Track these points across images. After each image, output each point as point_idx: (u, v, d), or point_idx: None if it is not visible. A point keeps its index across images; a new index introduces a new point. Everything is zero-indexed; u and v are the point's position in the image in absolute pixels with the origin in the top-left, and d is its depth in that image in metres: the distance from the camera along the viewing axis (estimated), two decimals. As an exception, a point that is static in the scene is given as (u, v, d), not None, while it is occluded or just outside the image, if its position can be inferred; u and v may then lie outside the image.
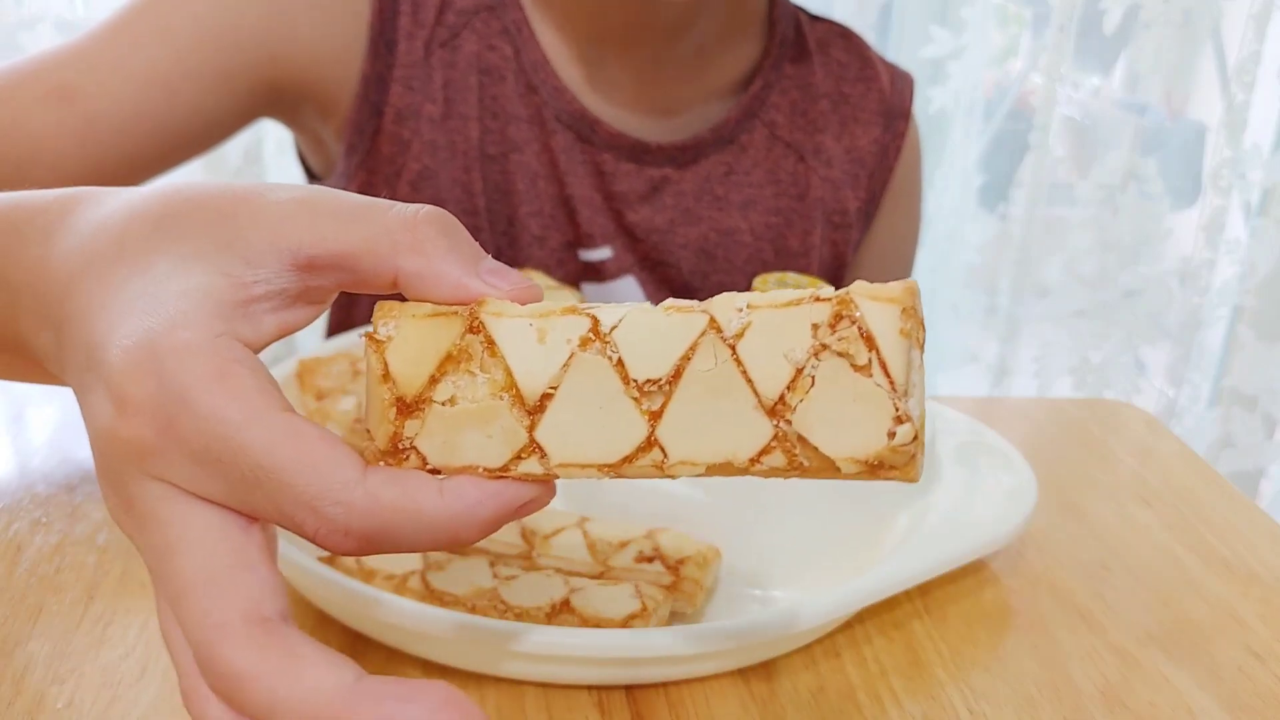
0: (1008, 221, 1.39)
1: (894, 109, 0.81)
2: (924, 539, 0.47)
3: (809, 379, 0.26)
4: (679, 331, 0.27)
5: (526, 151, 0.72)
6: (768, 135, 0.77)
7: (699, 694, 0.41)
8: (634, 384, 0.27)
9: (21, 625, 0.43)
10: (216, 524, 0.26)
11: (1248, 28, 1.23)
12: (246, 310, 0.28)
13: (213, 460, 0.25)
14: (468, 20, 0.71)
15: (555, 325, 0.27)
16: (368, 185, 0.71)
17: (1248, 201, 1.34)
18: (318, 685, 0.25)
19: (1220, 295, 1.36)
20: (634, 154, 0.73)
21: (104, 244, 0.28)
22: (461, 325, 0.27)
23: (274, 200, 0.28)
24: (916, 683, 0.43)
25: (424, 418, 0.27)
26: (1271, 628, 0.48)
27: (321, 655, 0.25)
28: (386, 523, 0.26)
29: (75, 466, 0.55)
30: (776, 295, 0.26)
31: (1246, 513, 0.58)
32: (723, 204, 0.76)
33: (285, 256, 0.28)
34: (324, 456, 0.26)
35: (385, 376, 0.27)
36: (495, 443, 0.27)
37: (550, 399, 0.27)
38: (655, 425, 0.27)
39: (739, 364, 0.26)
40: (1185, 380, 1.40)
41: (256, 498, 0.26)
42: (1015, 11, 1.41)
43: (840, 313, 0.26)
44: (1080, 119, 1.35)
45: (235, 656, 0.25)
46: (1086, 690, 0.43)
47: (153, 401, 0.26)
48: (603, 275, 0.74)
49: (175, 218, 0.28)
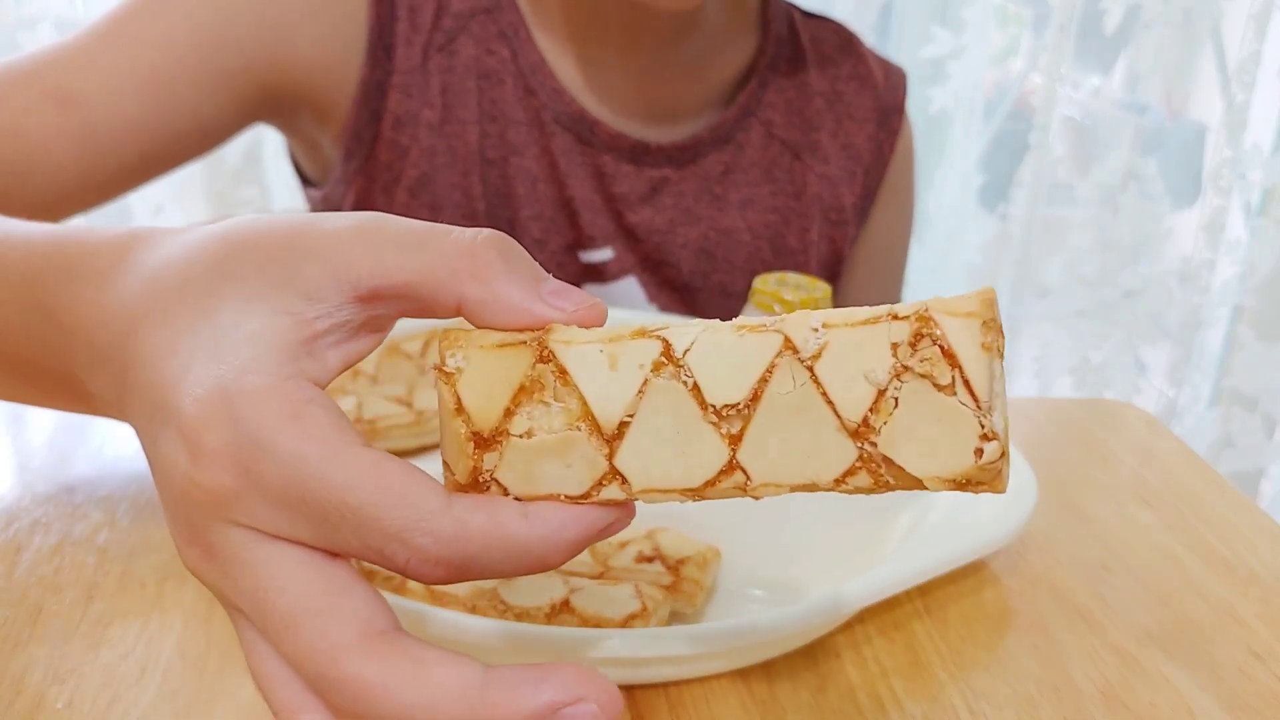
0: (1008, 221, 1.39)
1: (888, 105, 0.81)
2: (924, 539, 0.47)
3: (892, 400, 0.26)
4: (754, 353, 0.26)
5: (526, 155, 0.72)
6: (764, 134, 0.77)
7: (699, 694, 0.41)
8: (712, 409, 0.26)
9: (21, 626, 0.43)
10: (306, 560, 0.26)
11: (1248, 28, 1.23)
12: (311, 347, 0.28)
13: (295, 502, 0.26)
14: (464, 24, 0.70)
15: (626, 350, 0.27)
16: (365, 191, 0.71)
17: (1248, 201, 1.34)
18: (446, 683, 0.25)
19: (1220, 295, 1.36)
20: (634, 155, 0.73)
21: (165, 289, 0.28)
22: (531, 355, 0.27)
23: (330, 230, 0.28)
24: (917, 683, 0.43)
25: (502, 450, 0.27)
26: (1271, 628, 0.48)
27: (445, 656, 0.26)
28: (475, 550, 0.26)
29: (75, 467, 0.55)
30: (851, 313, 0.26)
31: (1246, 513, 0.58)
32: (721, 203, 0.76)
33: (346, 289, 0.28)
34: (408, 487, 0.26)
35: (459, 410, 0.27)
36: (575, 471, 0.27)
37: (628, 426, 0.27)
38: (736, 449, 0.27)
39: (818, 386, 0.26)
40: (1185, 380, 1.40)
41: (343, 534, 0.26)
42: (1015, 11, 1.41)
43: (920, 331, 0.25)
44: (1080, 119, 1.35)
45: (361, 671, 0.25)
46: (1086, 690, 0.43)
47: (230, 448, 0.26)
48: (604, 276, 0.74)
49: (234, 259, 0.28)
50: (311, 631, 0.26)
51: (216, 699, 0.39)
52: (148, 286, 0.29)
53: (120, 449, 0.56)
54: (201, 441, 0.26)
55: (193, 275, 0.28)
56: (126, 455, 0.56)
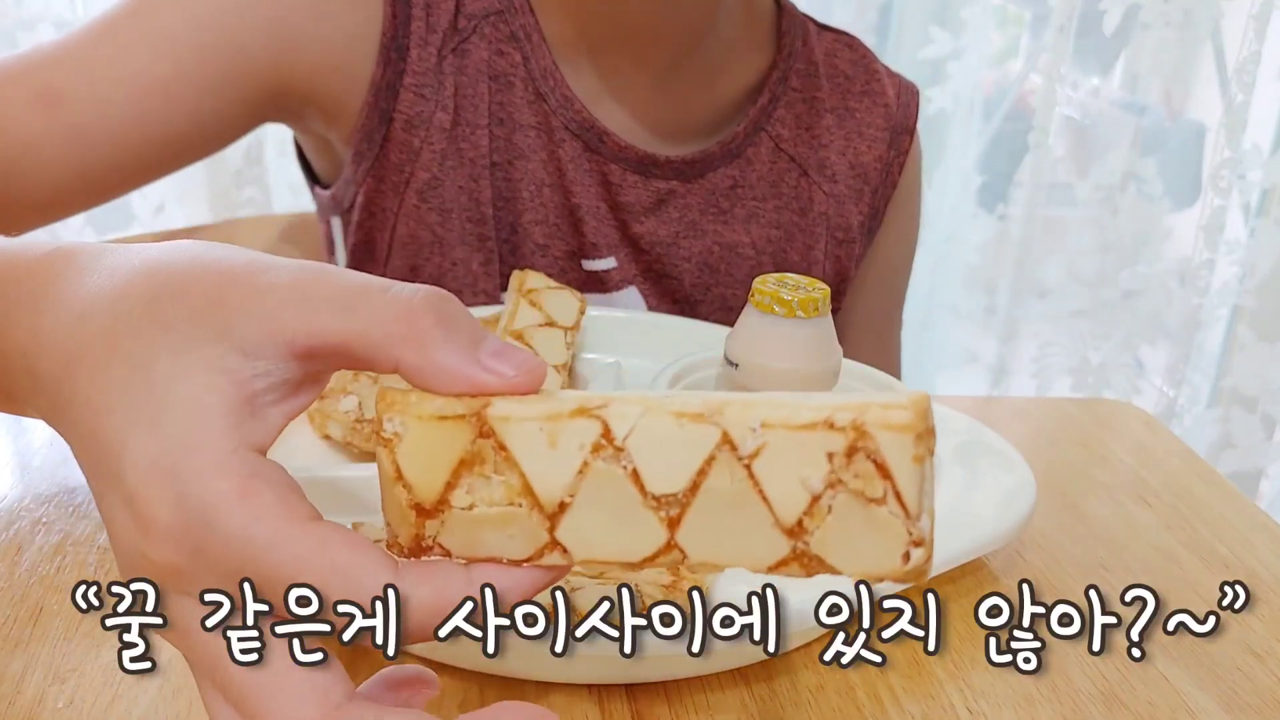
0: (1007, 221, 1.39)
1: (899, 125, 0.80)
2: (923, 539, 0.47)
3: (826, 507, 0.27)
4: (692, 445, 0.27)
5: (533, 159, 0.71)
6: (772, 149, 0.76)
7: (699, 694, 0.41)
8: (651, 495, 0.27)
9: (22, 625, 0.43)
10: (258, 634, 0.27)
11: (1248, 28, 1.23)
12: (253, 407, 0.28)
13: (243, 579, 0.26)
14: (476, 25, 0.69)
15: (566, 430, 0.27)
16: (375, 193, 0.71)
17: (1247, 202, 1.34)
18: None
19: (1220, 295, 1.36)
20: (641, 166, 0.72)
21: (95, 331, 0.28)
22: (471, 430, 0.27)
23: (266, 285, 0.28)
24: (915, 682, 0.43)
25: (444, 519, 0.28)
26: (1271, 628, 0.48)
27: (407, 715, 0.27)
28: (423, 620, 0.27)
29: (75, 466, 0.55)
30: (790, 415, 0.27)
31: (1246, 513, 0.58)
32: (727, 218, 0.75)
33: (282, 348, 0.28)
34: (354, 564, 0.26)
35: (399, 478, 0.28)
36: (517, 542, 0.28)
37: (568, 505, 0.27)
38: (674, 531, 0.27)
39: (755, 484, 0.27)
40: (1185, 380, 1.40)
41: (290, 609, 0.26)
42: (1015, 12, 1.41)
43: (855, 444, 0.26)
44: (1080, 119, 1.36)
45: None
46: (1085, 689, 0.43)
47: (179, 526, 0.26)
48: (606, 285, 0.74)
49: (164, 302, 0.28)
50: (270, 709, 0.26)
51: (217, 698, 0.39)
52: (78, 324, 0.29)
53: (121, 449, 0.56)
54: (150, 515, 0.26)
55: (121, 320, 0.28)
56: (127, 455, 0.56)
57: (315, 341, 0.28)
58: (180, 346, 0.27)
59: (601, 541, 0.28)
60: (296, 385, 0.29)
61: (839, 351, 0.52)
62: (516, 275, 0.62)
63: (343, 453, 0.55)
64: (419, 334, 0.27)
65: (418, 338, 0.27)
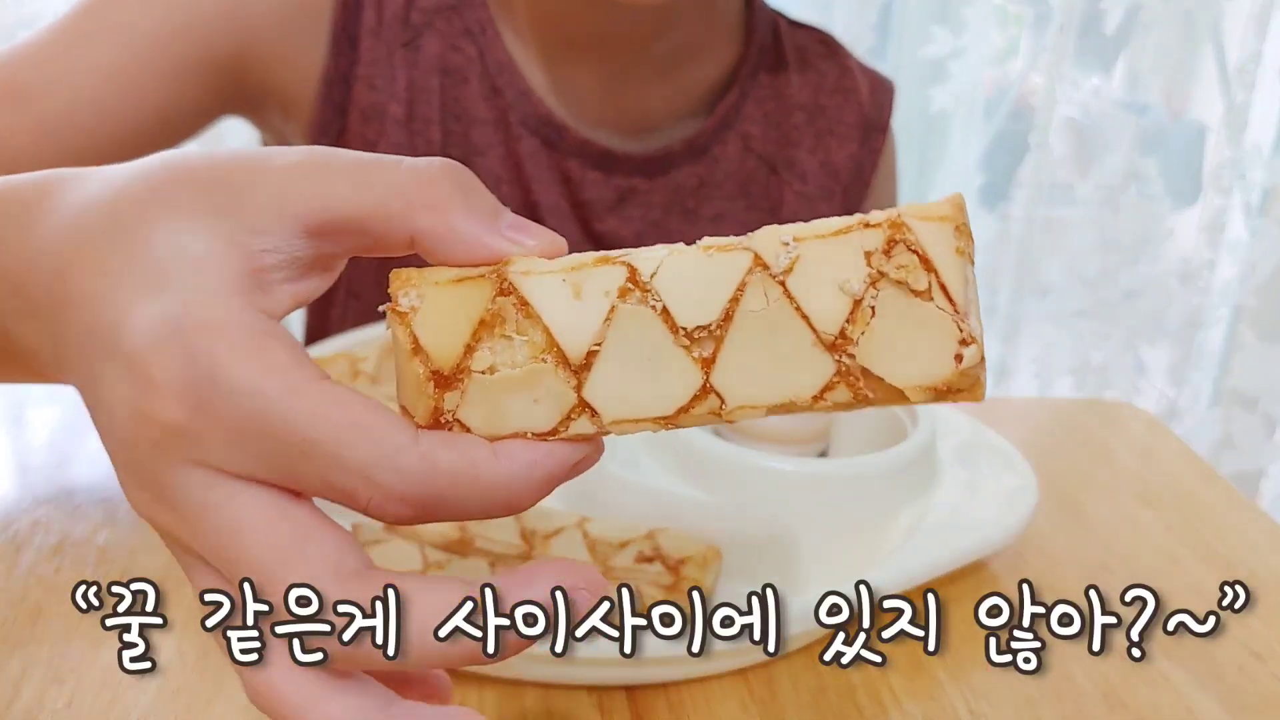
0: (1008, 221, 1.39)
1: (872, 123, 0.78)
2: (924, 539, 0.47)
3: (868, 309, 0.25)
4: (723, 272, 0.25)
5: (490, 156, 0.70)
6: (741, 147, 0.75)
7: (699, 694, 0.41)
8: (683, 332, 0.26)
9: (21, 626, 0.43)
10: (269, 501, 0.25)
11: (1248, 28, 1.23)
12: (259, 280, 0.26)
13: (253, 437, 0.24)
14: (430, 20, 0.69)
15: (590, 278, 0.26)
16: None
17: (1248, 201, 1.34)
18: (432, 607, 0.25)
19: (1221, 295, 1.36)
20: (602, 163, 0.71)
21: (95, 222, 0.27)
22: (491, 288, 0.26)
23: (276, 164, 0.27)
24: (916, 683, 0.43)
25: (464, 388, 0.26)
26: (1271, 628, 0.48)
27: (424, 581, 0.25)
28: (443, 488, 0.25)
29: (75, 467, 0.55)
30: (821, 225, 0.26)
31: (1246, 513, 0.58)
32: (693, 217, 0.74)
33: (293, 222, 0.26)
34: (374, 423, 0.25)
35: (416, 350, 0.26)
36: (542, 406, 0.26)
37: (595, 356, 0.26)
38: (709, 372, 0.26)
39: (792, 301, 0.25)
40: (1186, 381, 1.40)
41: (305, 472, 0.25)
42: (1015, 11, 1.41)
43: (894, 238, 0.25)
44: (1080, 119, 1.35)
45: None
46: (1087, 690, 0.43)
47: (182, 381, 0.24)
48: None
49: (169, 185, 0.27)
50: (278, 579, 0.24)
51: (216, 699, 0.39)
52: (75, 221, 0.27)
53: (120, 449, 0.56)
54: (151, 374, 0.24)
55: (123, 206, 0.27)
56: (127, 455, 0.56)
57: (329, 216, 0.26)
58: (184, 219, 0.26)
59: (632, 395, 0.26)
60: (307, 266, 0.27)
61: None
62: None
63: (343, 453, 0.55)
64: (439, 200, 0.26)
65: (438, 204, 0.26)
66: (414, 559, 0.44)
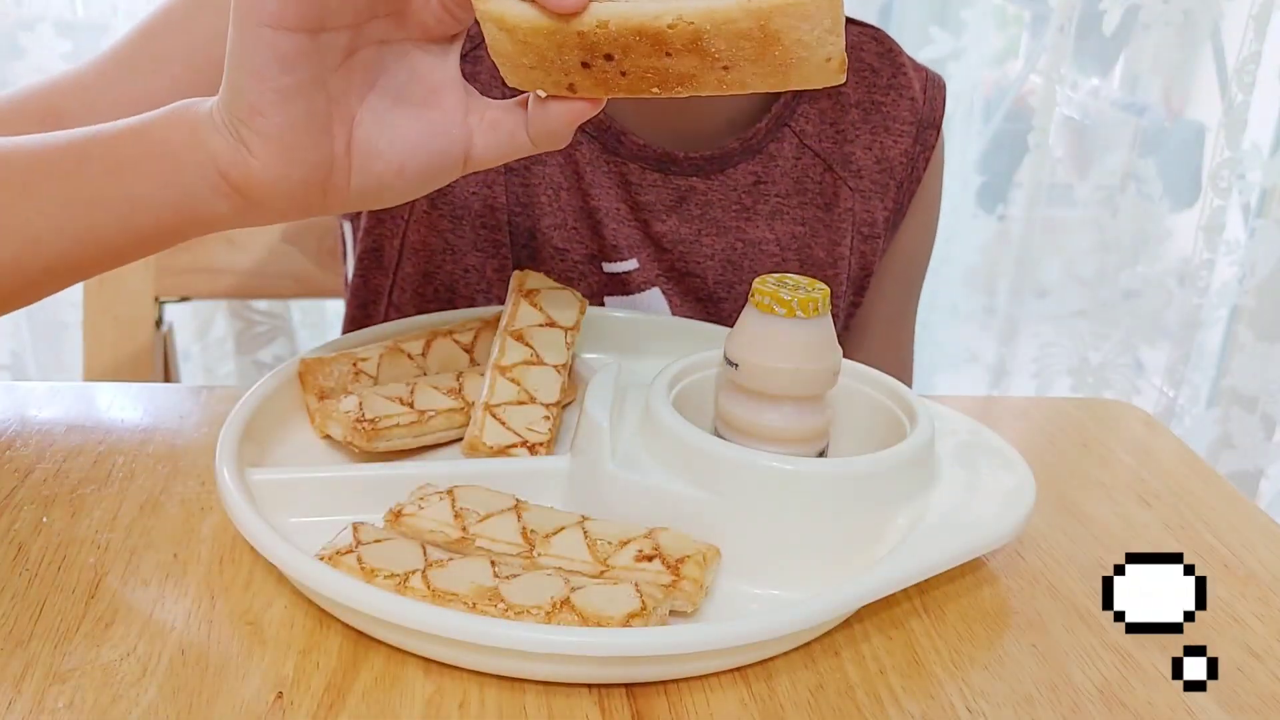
0: (1007, 222, 1.39)
1: (925, 119, 0.80)
2: (923, 538, 0.47)
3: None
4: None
5: (549, 163, 0.71)
6: (797, 144, 0.76)
7: (699, 693, 0.42)
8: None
9: (23, 625, 0.43)
10: None
11: (1248, 28, 1.23)
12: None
13: None
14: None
15: None
16: None
17: (1247, 202, 1.34)
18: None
19: (1219, 296, 1.36)
20: (661, 164, 0.72)
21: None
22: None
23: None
24: (915, 681, 0.43)
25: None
26: (1270, 627, 0.48)
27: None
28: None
29: (76, 465, 0.55)
30: None
31: (1245, 513, 0.58)
32: (750, 214, 0.75)
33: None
34: None
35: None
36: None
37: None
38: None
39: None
40: (1184, 381, 1.40)
41: None
42: (1015, 12, 1.41)
43: None
44: (1080, 119, 1.36)
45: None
46: (1085, 689, 0.43)
47: None
48: (628, 287, 0.74)
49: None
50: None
51: (217, 699, 0.40)
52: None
53: (121, 449, 0.56)
54: None
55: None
56: (128, 455, 0.56)
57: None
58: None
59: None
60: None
61: (839, 351, 0.52)
62: (516, 275, 0.62)
63: (343, 453, 0.55)
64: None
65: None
66: (415, 558, 0.44)
